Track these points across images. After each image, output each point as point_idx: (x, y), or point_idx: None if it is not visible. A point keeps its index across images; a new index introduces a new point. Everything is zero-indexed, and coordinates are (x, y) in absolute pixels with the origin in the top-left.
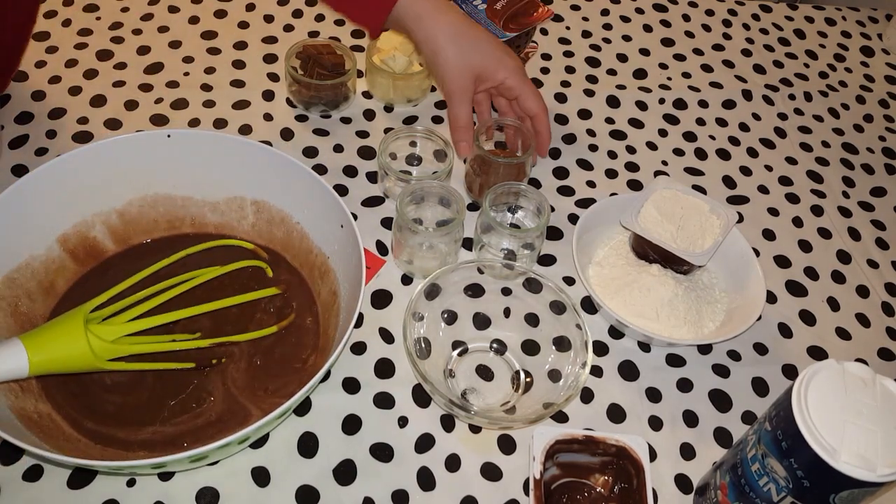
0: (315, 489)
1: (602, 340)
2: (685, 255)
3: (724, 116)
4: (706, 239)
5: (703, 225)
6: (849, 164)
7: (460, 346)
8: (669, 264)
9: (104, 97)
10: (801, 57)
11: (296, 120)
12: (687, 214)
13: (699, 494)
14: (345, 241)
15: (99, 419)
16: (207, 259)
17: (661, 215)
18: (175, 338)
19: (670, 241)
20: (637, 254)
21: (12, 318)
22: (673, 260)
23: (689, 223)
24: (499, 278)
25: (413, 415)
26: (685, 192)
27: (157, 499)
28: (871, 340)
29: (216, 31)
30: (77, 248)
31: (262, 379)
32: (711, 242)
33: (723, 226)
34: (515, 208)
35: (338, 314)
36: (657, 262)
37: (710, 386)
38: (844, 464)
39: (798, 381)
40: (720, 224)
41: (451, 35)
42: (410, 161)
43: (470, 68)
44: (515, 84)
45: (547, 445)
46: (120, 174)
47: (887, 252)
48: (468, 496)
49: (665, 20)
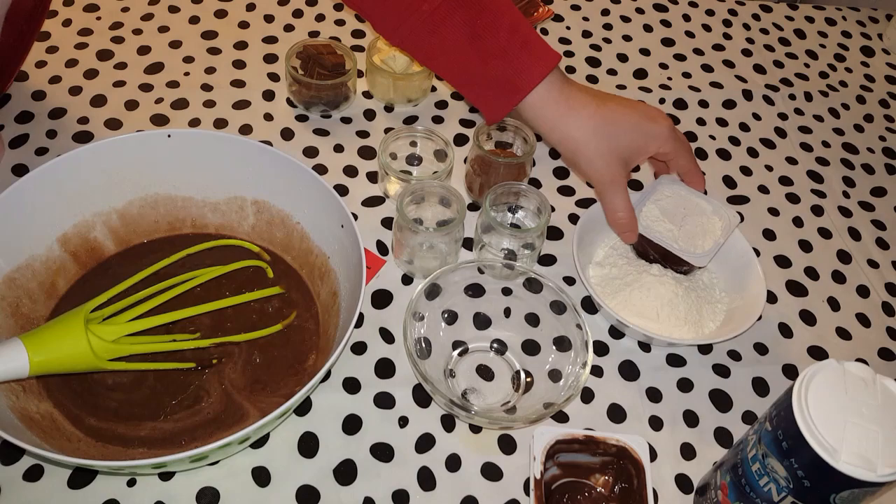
0: (315, 489)
1: (602, 340)
2: (686, 256)
3: (724, 116)
4: (707, 240)
5: (705, 226)
6: (849, 164)
7: (461, 346)
8: (670, 264)
9: (104, 97)
10: (801, 57)
11: (296, 120)
12: (689, 215)
13: (699, 494)
14: (345, 240)
15: (100, 416)
16: (207, 259)
17: (662, 215)
18: (175, 338)
19: (671, 240)
20: (638, 253)
21: (13, 319)
22: (673, 260)
23: (691, 223)
24: (499, 278)
25: (413, 415)
26: (687, 192)
27: (158, 499)
28: (871, 340)
29: (216, 31)
30: (77, 248)
31: (262, 379)
32: (712, 243)
33: (724, 227)
34: (516, 208)
35: (338, 314)
36: (657, 261)
37: (711, 386)
38: (845, 464)
39: (798, 381)
40: (722, 225)
41: (589, 130)
42: (410, 161)
43: (618, 156)
44: (669, 150)
45: (547, 445)
46: (120, 174)
47: (887, 252)
48: (468, 496)
49: (665, 20)
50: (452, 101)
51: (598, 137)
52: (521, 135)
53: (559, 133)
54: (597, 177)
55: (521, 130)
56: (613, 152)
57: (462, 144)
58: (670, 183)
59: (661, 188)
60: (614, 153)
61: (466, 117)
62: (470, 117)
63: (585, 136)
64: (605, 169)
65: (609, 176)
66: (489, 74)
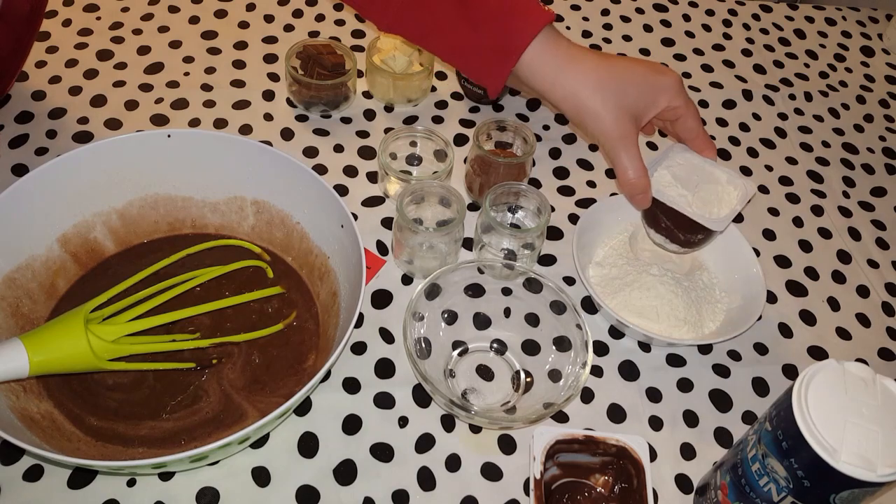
0: (315, 489)
1: (602, 340)
2: (703, 220)
3: (724, 116)
4: (723, 208)
5: (720, 194)
6: (849, 163)
7: (460, 346)
8: (682, 231)
9: (104, 97)
10: (801, 57)
11: (296, 120)
12: (703, 182)
13: (699, 494)
14: (345, 241)
15: (100, 416)
16: (207, 259)
17: (675, 181)
18: (175, 338)
19: (686, 205)
20: (647, 221)
21: (13, 319)
22: (686, 227)
23: (706, 191)
24: (499, 278)
25: (413, 415)
26: (701, 161)
27: (158, 499)
28: (871, 340)
29: (216, 31)
30: (77, 248)
31: (262, 379)
32: (728, 211)
33: (740, 196)
34: (515, 208)
35: (338, 314)
36: (669, 232)
37: (711, 386)
38: (845, 464)
39: (798, 381)
40: (738, 195)
41: (593, 83)
42: (410, 161)
43: (626, 110)
44: (680, 104)
45: (547, 445)
46: (120, 174)
47: (887, 252)
48: (468, 496)
49: (665, 20)
50: (452, 101)
51: (604, 90)
52: (522, 135)
53: (560, 89)
54: (605, 134)
55: (521, 130)
56: (621, 106)
57: (462, 144)
58: (682, 151)
59: (674, 155)
60: (622, 107)
61: (466, 117)
62: (470, 117)
63: (589, 90)
64: (613, 124)
65: (618, 131)
66: (482, 43)
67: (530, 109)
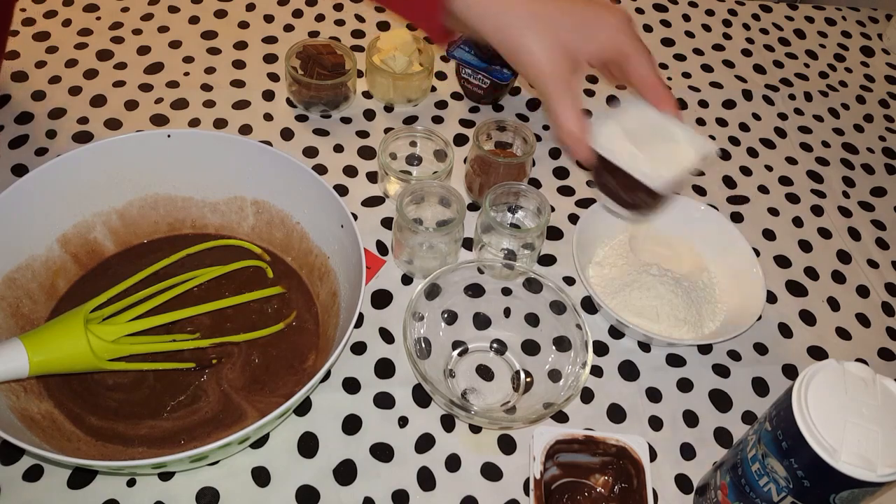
0: (315, 489)
1: (602, 340)
2: (643, 178)
3: (724, 116)
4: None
5: (676, 154)
6: (849, 164)
7: (460, 346)
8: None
9: (104, 97)
10: (801, 57)
11: (296, 120)
12: (658, 141)
13: (699, 494)
14: (345, 241)
15: (100, 415)
16: (207, 259)
17: (626, 136)
18: (175, 338)
19: (632, 164)
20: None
21: (13, 319)
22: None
23: (659, 150)
24: (499, 278)
25: (413, 415)
26: (659, 116)
27: (158, 499)
28: (871, 340)
29: (216, 31)
30: (77, 248)
31: (262, 379)
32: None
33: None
34: (515, 208)
35: (338, 314)
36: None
37: (711, 386)
38: (845, 464)
39: (798, 381)
40: (696, 156)
41: (526, 18)
42: (410, 161)
43: (560, 47)
44: (624, 44)
45: (547, 445)
46: (120, 174)
47: (887, 252)
48: (468, 496)
49: (665, 20)
50: (452, 101)
51: (539, 23)
52: (521, 135)
53: (492, 24)
54: (537, 71)
55: (521, 130)
56: (556, 42)
57: (462, 144)
58: (640, 104)
59: (628, 107)
60: (557, 42)
61: (466, 117)
62: (470, 117)
63: (523, 22)
64: (546, 60)
65: (551, 68)
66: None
67: (530, 109)
